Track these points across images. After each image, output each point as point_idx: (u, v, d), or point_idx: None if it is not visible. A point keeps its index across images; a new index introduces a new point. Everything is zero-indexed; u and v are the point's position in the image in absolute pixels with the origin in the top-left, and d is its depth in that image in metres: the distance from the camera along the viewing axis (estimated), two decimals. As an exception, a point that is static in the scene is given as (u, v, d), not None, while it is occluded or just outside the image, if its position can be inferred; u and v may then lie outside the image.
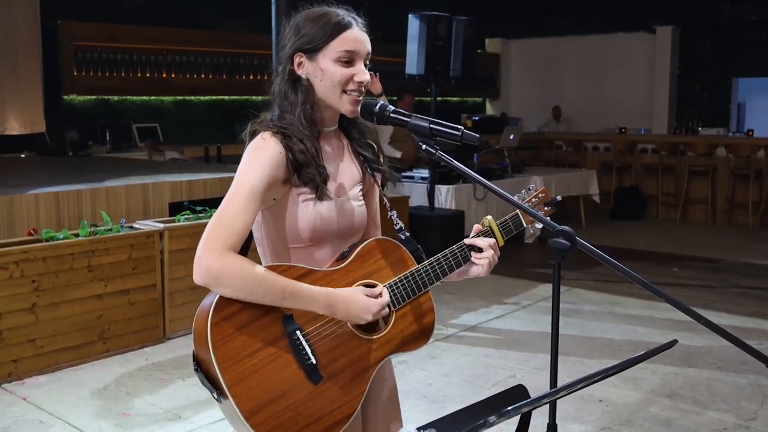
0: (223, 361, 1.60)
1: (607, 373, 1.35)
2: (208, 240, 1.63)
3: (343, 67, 1.76)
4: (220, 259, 1.61)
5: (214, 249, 1.61)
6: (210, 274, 1.60)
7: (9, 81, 8.34)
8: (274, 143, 1.73)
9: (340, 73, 1.75)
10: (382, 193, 1.97)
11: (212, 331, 1.60)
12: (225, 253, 1.62)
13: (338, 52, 1.75)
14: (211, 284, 1.61)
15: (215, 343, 1.60)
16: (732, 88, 12.27)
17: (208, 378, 1.64)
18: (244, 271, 1.61)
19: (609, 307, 5.99)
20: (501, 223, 1.96)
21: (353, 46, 1.76)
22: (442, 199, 7.39)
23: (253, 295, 1.62)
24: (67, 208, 5.19)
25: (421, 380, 4.46)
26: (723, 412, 4.02)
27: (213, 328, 1.60)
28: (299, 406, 1.66)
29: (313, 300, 1.68)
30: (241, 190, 1.68)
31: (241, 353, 1.62)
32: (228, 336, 1.61)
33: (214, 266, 1.60)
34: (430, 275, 1.84)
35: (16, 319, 4.37)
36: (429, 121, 1.73)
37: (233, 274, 1.60)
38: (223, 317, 1.62)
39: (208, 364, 1.62)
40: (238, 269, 1.61)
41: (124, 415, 3.94)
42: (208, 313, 1.61)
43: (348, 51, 1.75)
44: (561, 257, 1.63)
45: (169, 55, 9.50)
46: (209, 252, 1.61)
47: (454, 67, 6.85)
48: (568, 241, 1.61)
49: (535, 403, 1.16)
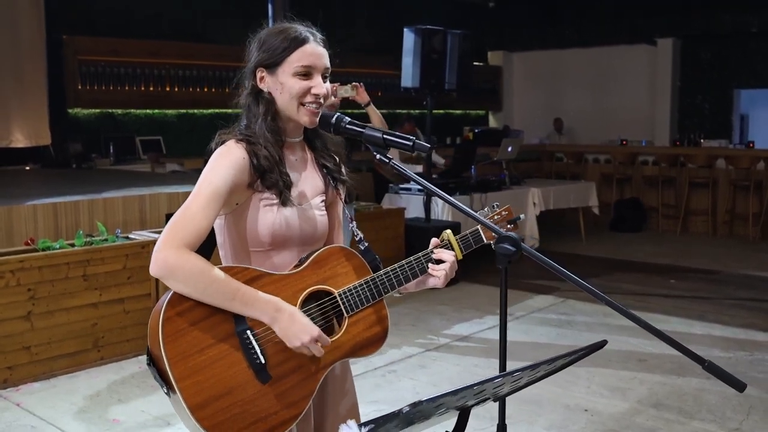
0: (173, 356, 1.65)
1: (534, 370, 1.40)
2: (167, 235, 1.70)
3: (301, 80, 1.83)
4: (177, 254, 1.67)
5: (172, 244, 1.68)
6: (165, 267, 1.67)
7: (15, 94, 8.47)
8: (238, 149, 1.81)
9: (298, 86, 1.82)
10: (344, 204, 2.03)
11: (164, 326, 1.66)
12: (182, 249, 1.68)
13: (296, 66, 1.82)
14: (165, 277, 1.68)
15: (166, 338, 1.65)
16: (734, 99, 12.29)
17: (159, 373, 1.69)
18: (198, 268, 1.67)
19: (602, 318, 6.02)
20: (461, 237, 2.00)
21: (310, 61, 1.83)
22: (438, 211, 7.44)
23: (205, 294, 1.68)
24: (65, 218, 5.28)
25: (409, 389, 4.51)
26: (708, 423, 4.04)
27: (165, 323, 1.66)
28: (246, 403, 1.70)
29: (260, 306, 1.72)
30: (203, 191, 1.75)
31: (191, 349, 1.67)
32: (179, 331, 1.67)
33: (170, 260, 1.67)
34: (385, 284, 1.89)
35: (11, 327, 4.46)
36: (382, 132, 1.80)
37: (187, 270, 1.67)
38: (176, 313, 1.67)
39: (159, 358, 1.67)
40: (191, 266, 1.67)
41: (114, 421, 4.01)
42: (161, 308, 1.67)
43: (305, 66, 1.83)
44: (507, 262, 1.70)
45: (172, 69, 9.62)
46: (167, 246, 1.68)
47: (449, 79, 6.93)
48: (514, 247, 1.67)
49: (457, 395, 1.20)
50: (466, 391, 1.22)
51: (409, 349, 5.24)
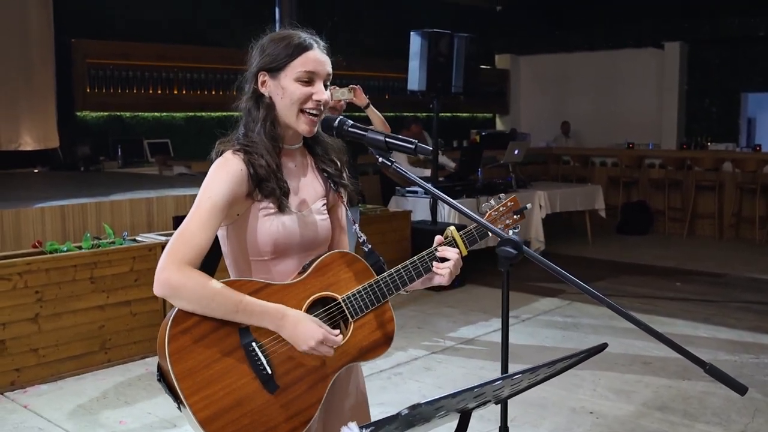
0: (180, 373, 1.67)
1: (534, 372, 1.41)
2: (169, 254, 1.73)
3: (303, 86, 1.84)
4: (179, 272, 1.70)
5: (173, 263, 1.71)
6: (168, 286, 1.70)
7: (23, 97, 8.52)
8: (235, 161, 1.82)
9: (300, 91, 1.83)
10: (346, 207, 2.03)
11: (170, 343, 1.68)
12: (184, 267, 1.71)
13: (299, 71, 1.83)
14: (169, 296, 1.71)
15: (172, 355, 1.68)
16: (741, 103, 12.26)
17: (169, 388, 1.72)
18: (200, 285, 1.70)
19: (607, 321, 6.02)
20: (465, 233, 1.98)
21: (313, 67, 1.84)
22: (444, 214, 7.45)
23: (209, 308, 1.70)
24: (72, 221, 5.31)
25: (414, 391, 4.52)
26: (713, 425, 4.04)
27: (171, 341, 1.68)
28: (255, 414, 1.71)
29: (265, 315, 1.74)
30: (202, 206, 1.77)
31: (198, 365, 1.69)
32: (185, 348, 1.69)
33: (173, 280, 1.70)
34: (389, 286, 1.89)
35: (19, 329, 4.49)
36: (385, 135, 1.81)
37: (190, 287, 1.69)
38: (181, 330, 1.70)
39: (167, 374, 1.70)
40: (194, 283, 1.70)
41: (120, 423, 4.03)
42: (167, 325, 1.70)
43: (308, 71, 1.84)
44: (509, 265, 1.71)
45: (180, 72, 9.66)
46: (169, 266, 1.71)
47: (455, 83, 6.94)
48: (515, 250, 1.68)
49: (457, 398, 1.21)
50: (466, 394, 1.24)
51: (414, 351, 5.25)
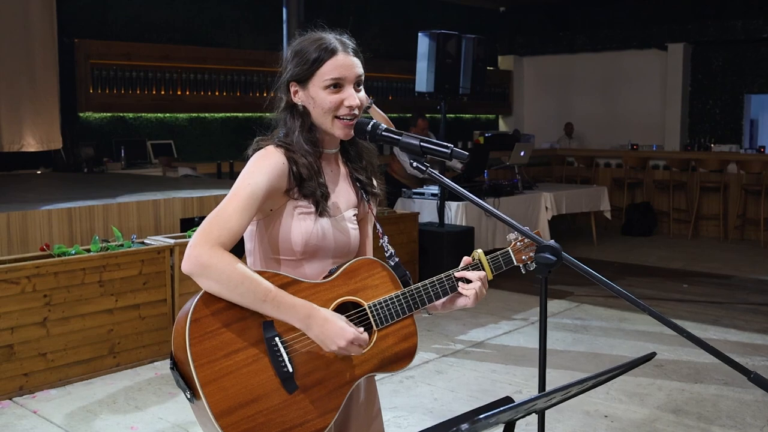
0: (198, 359, 1.61)
1: (582, 384, 1.38)
2: (202, 233, 1.67)
3: (333, 93, 1.80)
4: (210, 251, 1.64)
5: (206, 241, 1.66)
6: (198, 263, 1.64)
7: (27, 98, 8.48)
8: (278, 154, 1.79)
9: (329, 99, 1.80)
10: (375, 220, 2.00)
11: (191, 327, 1.62)
12: (216, 247, 1.65)
13: (326, 79, 1.79)
14: (197, 274, 1.65)
15: (192, 339, 1.61)
16: (744, 104, 12.25)
17: (183, 377, 1.65)
18: (231, 266, 1.64)
19: (618, 323, 5.99)
20: (491, 258, 1.96)
21: (340, 73, 1.80)
22: (452, 216, 7.42)
23: (236, 292, 1.64)
24: (80, 223, 5.27)
25: (427, 395, 4.49)
26: (728, 428, 4.02)
27: (192, 325, 1.62)
28: (272, 412, 1.65)
29: (293, 310, 1.68)
30: (241, 192, 1.72)
31: (217, 353, 1.63)
32: (206, 334, 1.63)
33: (203, 257, 1.64)
34: (416, 300, 1.85)
35: (27, 333, 4.45)
36: (419, 139, 1.77)
37: (220, 267, 1.63)
38: (204, 315, 1.64)
39: (183, 362, 1.63)
40: (225, 264, 1.64)
41: (131, 428, 3.99)
42: (189, 310, 1.64)
43: (334, 78, 1.79)
44: (548, 272, 1.67)
45: (184, 73, 9.62)
46: (201, 243, 1.65)
47: (463, 84, 6.90)
48: (554, 256, 1.65)
49: (511, 411, 1.19)
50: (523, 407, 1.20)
51: (425, 354, 5.21)
